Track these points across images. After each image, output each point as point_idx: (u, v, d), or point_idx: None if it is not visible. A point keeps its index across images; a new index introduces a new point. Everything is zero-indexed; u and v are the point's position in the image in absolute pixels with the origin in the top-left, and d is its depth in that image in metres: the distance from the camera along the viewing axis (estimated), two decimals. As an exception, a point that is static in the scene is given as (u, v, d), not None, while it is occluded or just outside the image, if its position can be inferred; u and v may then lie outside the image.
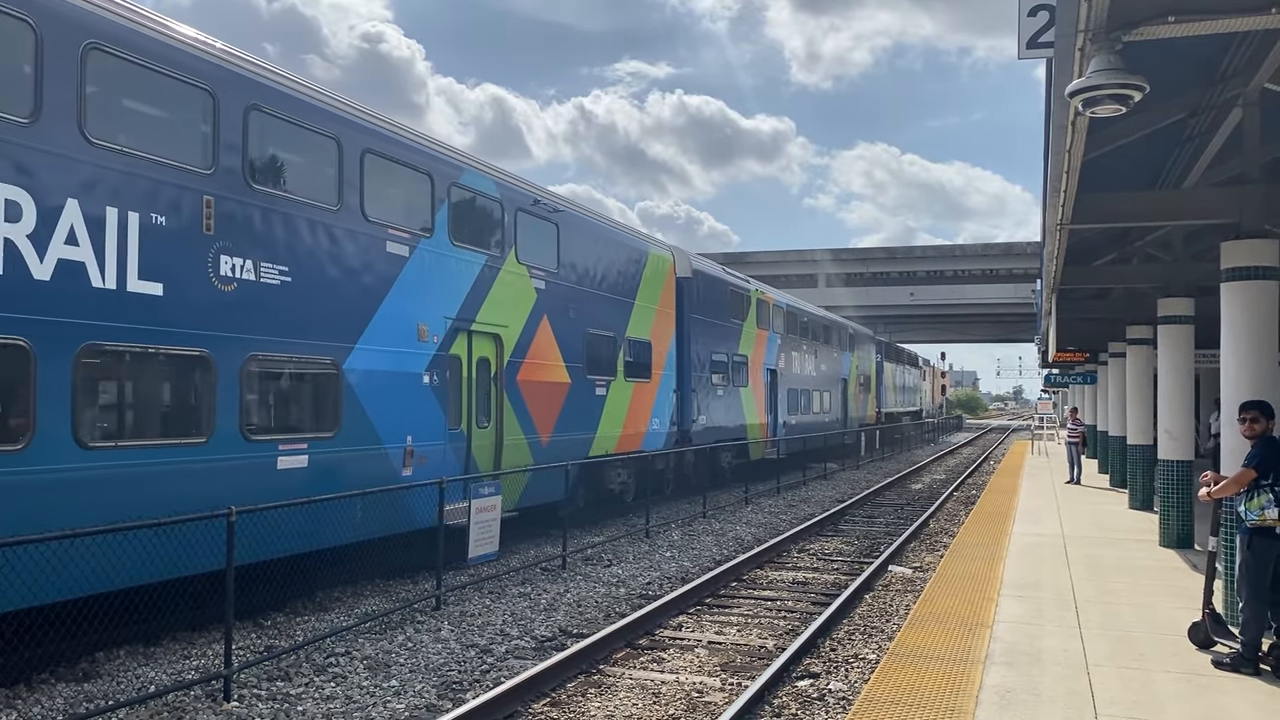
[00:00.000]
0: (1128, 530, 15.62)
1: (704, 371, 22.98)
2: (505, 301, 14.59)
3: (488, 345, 14.27)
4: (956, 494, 25.26)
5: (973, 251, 67.76)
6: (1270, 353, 9.08)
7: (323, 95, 11.37)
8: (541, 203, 15.88)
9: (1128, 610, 9.84)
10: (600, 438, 17.61)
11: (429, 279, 12.75)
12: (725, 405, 24.52)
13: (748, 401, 26.32)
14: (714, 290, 24.14)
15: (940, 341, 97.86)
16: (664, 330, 20.71)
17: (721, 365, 24.30)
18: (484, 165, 14.63)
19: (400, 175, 12.54)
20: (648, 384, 19.70)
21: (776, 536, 16.77)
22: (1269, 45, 7.51)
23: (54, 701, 7.73)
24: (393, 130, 12.50)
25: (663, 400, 20.42)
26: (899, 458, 41.91)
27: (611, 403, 18.01)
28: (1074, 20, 5.68)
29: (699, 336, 22.70)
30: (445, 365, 13.07)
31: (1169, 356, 13.71)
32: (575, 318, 16.68)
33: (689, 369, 22.02)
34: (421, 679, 8.55)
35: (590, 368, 17.20)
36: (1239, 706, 6.85)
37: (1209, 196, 10.23)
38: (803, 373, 32.55)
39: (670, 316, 21.07)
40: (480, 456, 13.91)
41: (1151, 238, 14.35)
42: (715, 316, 24.00)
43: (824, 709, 7.90)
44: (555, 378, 16.03)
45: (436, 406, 12.81)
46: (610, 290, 18.21)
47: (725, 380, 24.50)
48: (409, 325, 12.37)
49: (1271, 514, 7.47)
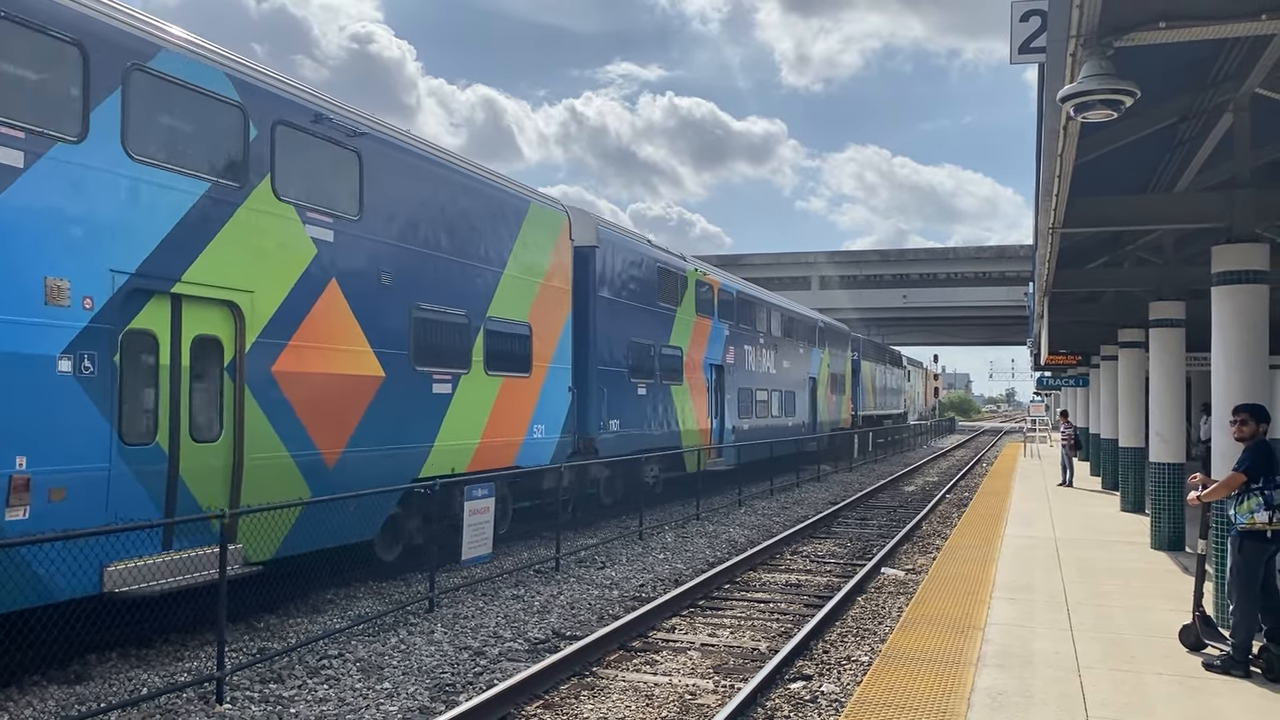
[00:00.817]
0: (1119, 532, 15.67)
1: (617, 366, 18.82)
2: (249, 254, 10.08)
3: (215, 318, 9.77)
4: (949, 496, 25.30)
5: (966, 254, 67.94)
6: (1260, 356, 9.13)
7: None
8: (329, 120, 11.16)
9: (1119, 612, 9.87)
10: (442, 450, 13.00)
11: (73, 208, 8.34)
12: (650, 407, 20.21)
13: (682, 403, 22.09)
14: (633, 266, 19.76)
15: (933, 344, 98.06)
16: (553, 312, 16.17)
17: (645, 359, 20.08)
18: (214, 51, 9.97)
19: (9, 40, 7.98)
20: (524, 380, 15.18)
21: (770, 539, 16.79)
22: (1260, 50, 7.56)
23: (45, 704, 7.72)
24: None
25: (551, 401, 15.95)
26: (892, 460, 41.96)
27: (462, 404, 13.45)
28: (1066, 26, 5.71)
29: (610, 322, 18.47)
30: (117, 345, 8.66)
31: (1160, 360, 13.76)
32: (394, 287, 12.12)
33: (593, 362, 17.83)
34: (414, 681, 8.54)
35: (422, 356, 12.66)
36: (1230, 708, 6.89)
37: (1200, 201, 10.28)
38: (759, 370, 28.24)
39: (564, 295, 16.58)
40: (202, 484, 9.47)
41: (1143, 241, 14.41)
42: (635, 299, 19.79)
43: (816, 711, 7.91)
44: (353, 368, 11.43)
45: (92, 409, 8.39)
46: (460, 254, 13.56)
47: (650, 377, 20.26)
48: (25, 279, 7.95)
49: (1261, 517, 7.51)
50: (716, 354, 24.55)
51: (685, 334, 22.44)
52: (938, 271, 68.19)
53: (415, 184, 12.77)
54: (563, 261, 16.58)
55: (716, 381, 24.60)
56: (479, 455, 13.98)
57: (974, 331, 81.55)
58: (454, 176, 13.71)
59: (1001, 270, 64.11)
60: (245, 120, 10.12)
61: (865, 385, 46.18)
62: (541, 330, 15.77)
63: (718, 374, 24.65)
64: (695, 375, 22.98)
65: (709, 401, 23.94)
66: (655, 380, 20.56)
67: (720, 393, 24.81)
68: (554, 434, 16.23)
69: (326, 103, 11.38)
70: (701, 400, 23.37)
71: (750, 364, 27.42)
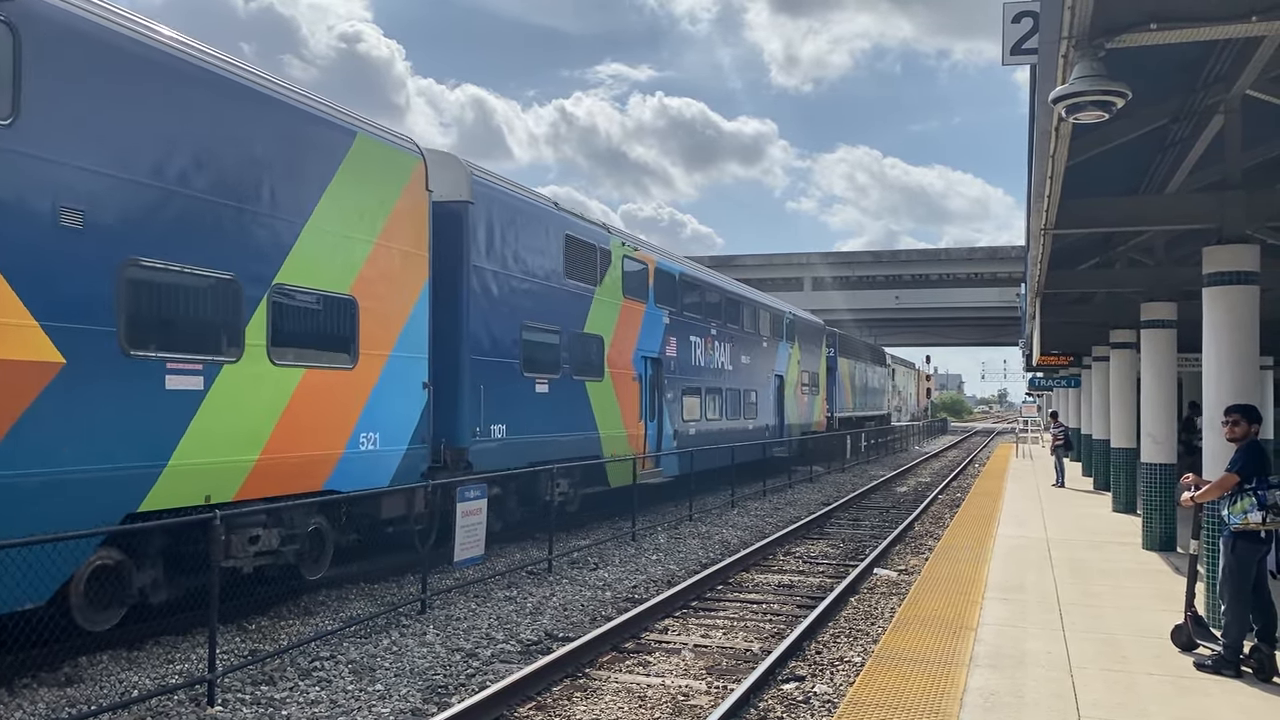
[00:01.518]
0: (1111, 533, 15.71)
1: (504, 356, 15.02)
2: None
3: None
4: (942, 497, 25.35)
5: (958, 255, 68.11)
6: (1251, 357, 9.16)
7: None
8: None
9: (1111, 613, 9.89)
10: (183, 473, 9.31)
11: None
12: (554, 409, 16.54)
13: (603, 403, 18.44)
14: (529, 232, 15.93)
15: (926, 345, 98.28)
16: (397, 283, 12.32)
17: (546, 349, 16.47)
18: None
19: None
20: (344, 374, 11.42)
21: (762, 539, 16.79)
22: (1250, 52, 7.59)
23: (36, 706, 7.68)
24: None
25: (391, 401, 12.08)
26: (885, 461, 42.01)
27: (224, 405, 9.78)
28: (1057, 27, 5.72)
29: (492, 301, 14.75)
30: None
31: (1152, 360, 13.81)
32: (88, 231, 8.46)
33: (466, 351, 14.06)
34: (406, 683, 8.53)
35: (143, 335, 8.99)
36: (1221, 709, 6.91)
37: (1191, 202, 10.32)
38: (711, 366, 24.64)
39: (417, 262, 12.74)
40: None
41: (1135, 243, 14.46)
42: (533, 273, 16.00)
43: (809, 712, 7.92)
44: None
45: None
46: (220, 191, 9.86)
47: (554, 371, 16.63)
48: None
49: (1255, 518, 7.53)
50: (652, 345, 20.78)
51: (607, 320, 18.66)
52: (930, 272, 68.35)
53: (131, 81, 8.95)
54: (414, 218, 12.61)
55: (653, 378, 20.84)
56: (258, 476, 10.15)
57: (966, 332, 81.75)
58: (208, 78, 9.75)
59: (993, 271, 64.29)
60: None
61: (843, 384, 42.88)
62: (376, 306, 11.81)
63: (654, 369, 20.92)
64: (622, 370, 19.25)
65: (642, 401, 20.16)
66: (563, 375, 16.89)
67: (658, 391, 21.07)
68: (397, 444, 12.22)
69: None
70: (631, 400, 19.61)
71: (699, 358, 23.74)
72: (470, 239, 14.21)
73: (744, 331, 27.60)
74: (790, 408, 32.36)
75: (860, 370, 48.05)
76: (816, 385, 37.09)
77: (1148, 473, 13.79)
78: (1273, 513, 7.51)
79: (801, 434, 33.26)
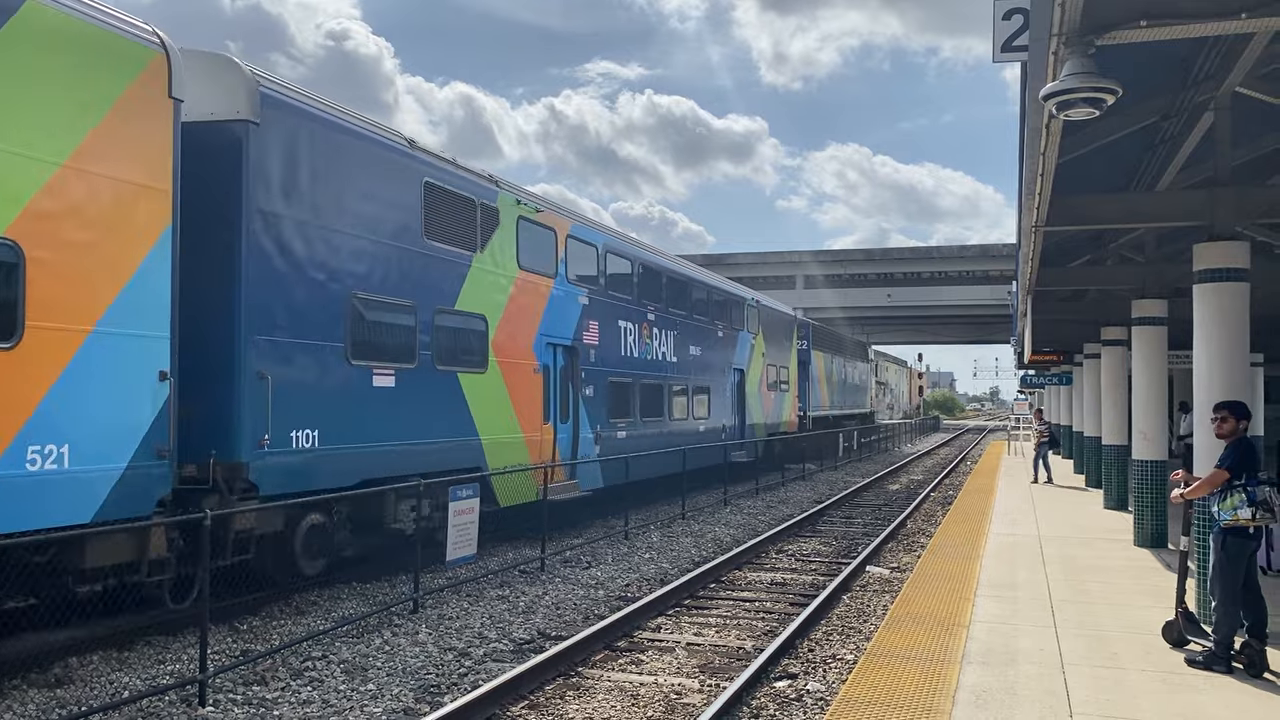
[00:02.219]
0: (1103, 530, 15.74)
1: (314, 337, 11.33)
2: None
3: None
4: (934, 494, 25.39)
5: (950, 253, 68.22)
6: (1242, 354, 9.18)
7: None
8: None
9: (1103, 609, 9.91)
10: None
11: None
12: (407, 408, 12.78)
13: (487, 401, 14.54)
14: (360, 171, 12.20)
15: (918, 343, 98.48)
16: (108, 228, 8.82)
17: (393, 329, 12.78)
18: None
19: None
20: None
21: (755, 537, 16.80)
22: (1240, 49, 7.60)
23: (26, 708, 7.65)
24: None
25: (86, 397, 8.55)
26: (877, 459, 42.06)
27: None
28: (1048, 24, 5.73)
29: (289, 260, 11.04)
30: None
31: (1143, 358, 13.84)
32: None
33: (244, 327, 10.45)
34: (399, 682, 8.51)
35: None
36: (1212, 705, 6.92)
37: (1181, 199, 10.34)
38: (647, 357, 20.85)
39: (153, 201, 9.24)
40: None
41: (1126, 240, 14.49)
42: (367, 228, 12.26)
43: (802, 709, 7.92)
44: None
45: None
46: None
47: (407, 360, 12.87)
48: None
49: (1245, 514, 7.55)
50: (563, 330, 17.06)
51: (494, 296, 14.76)
52: (922, 270, 68.47)
53: None
54: (144, 135, 9.15)
55: (565, 370, 17.15)
56: None
57: (958, 330, 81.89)
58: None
59: (985, 269, 64.41)
60: None
61: (818, 380, 39.24)
62: (62, 258, 8.35)
63: (568, 359, 17.30)
64: (517, 360, 15.42)
65: (549, 399, 16.48)
66: (421, 365, 13.06)
67: (573, 386, 17.41)
68: (105, 461, 8.68)
69: None
70: (530, 397, 15.77)
71: (631, 348, 19.99)
72: (253, 173, 10.49)
73: (693, 318, 24.11)
74: (753, 406, 28.99)
75: (839, 365, 44.84)
76: (786, 381, 33.45)
77: (1139, 469, 13.82)
78: (1262, 509, 7.54)
79: (768, 435, 30.16)
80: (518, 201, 15.65)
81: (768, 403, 30.76)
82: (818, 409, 38.78)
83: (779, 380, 32.32)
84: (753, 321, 29.32)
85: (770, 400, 31.09)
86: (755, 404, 29.24)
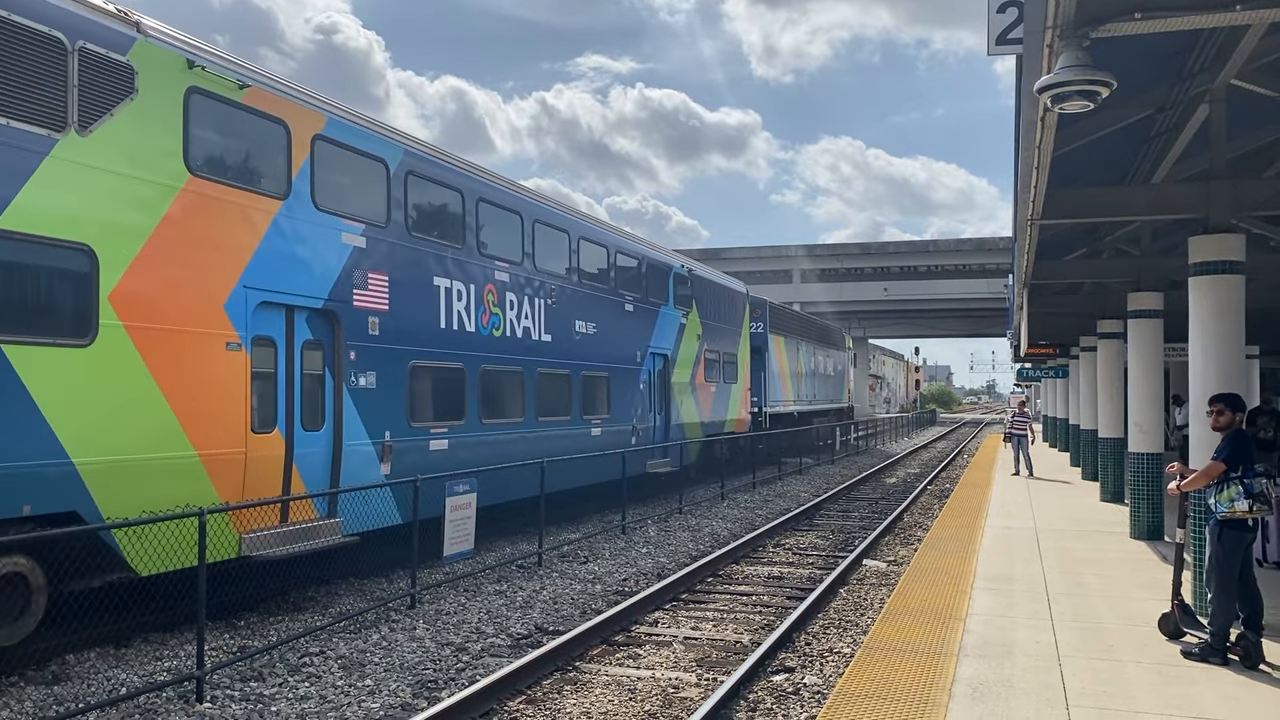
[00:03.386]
0: (1099, 523, 15.77)
1: None
2: None
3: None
4: (930, 488, 25.42)
5: (946, 247, 68.30)
6: (1237, 346, 9.20)
7: None
8: None
9: (1099, 602, 9.93)
10: None
11: None
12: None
13: (86, 394, 8.71)
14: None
15: (914, 336, 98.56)
16: None
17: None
18: None
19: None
20: None
21: (752, 531, 16.82)
22: (1234, 42, 7.59)
23: (23, 704, 7.65)
24: None
25: None
26: (874, 452, 42.10)
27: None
28: (1042, 17, 5.73)
29: None
30: None
31: (1138, 350, 13.86)
32: None
33: None
34: (396, 678, 8.51)
35: None
36: (1207, 696, 6.94)
37: (1177, 192, 10.34)
38: (495, 332, 15.12)
39: None
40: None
41: (1121, 233, 14.49)
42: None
43: (799, 703, 7.93)
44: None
45: None
46: None
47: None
48: None
49: (1241, 506, 7.58)
50: (305, 283, 11.25)
51: (115, 213, 9.11)
52: (918, 264, 68.57)
53: None
54: None
55: (309, 347, 11.43)
56: None
57: (954, 324, 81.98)
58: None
59: (981, 263, 64.48)
60: None
61: (778, 369, 33.39)
62: None
63: (319, 330, 11.57)
64: (180, 326, 9.64)
65: (265, 392, 10.79)
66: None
67: (330, 373, 11.68)
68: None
69: None
70: (218, 389, 10.04)
71: (458, 318, 14.16)
72: None
73: (582, 284, 18.18)
74: (683, 401, 22.86)
75: (807, 353, 38.43)
76: (734, 369, 27.12)
77: (1135, 462, 13.84)
78: (1259, 501, 7.55)
79: (707, 436, 24.28)
80: (190, 64, 9.90)
81: (705, 397, 24.51)
82: (778, 403, 33.10)
83: (724, 369, 26.14)
84: (682, 295, 22.96)
85: (709, 394, 24.88)
86: (686, 399, 23.09)
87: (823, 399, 41.27)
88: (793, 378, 35.84)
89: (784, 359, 34.64)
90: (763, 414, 30.99)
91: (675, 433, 22.29)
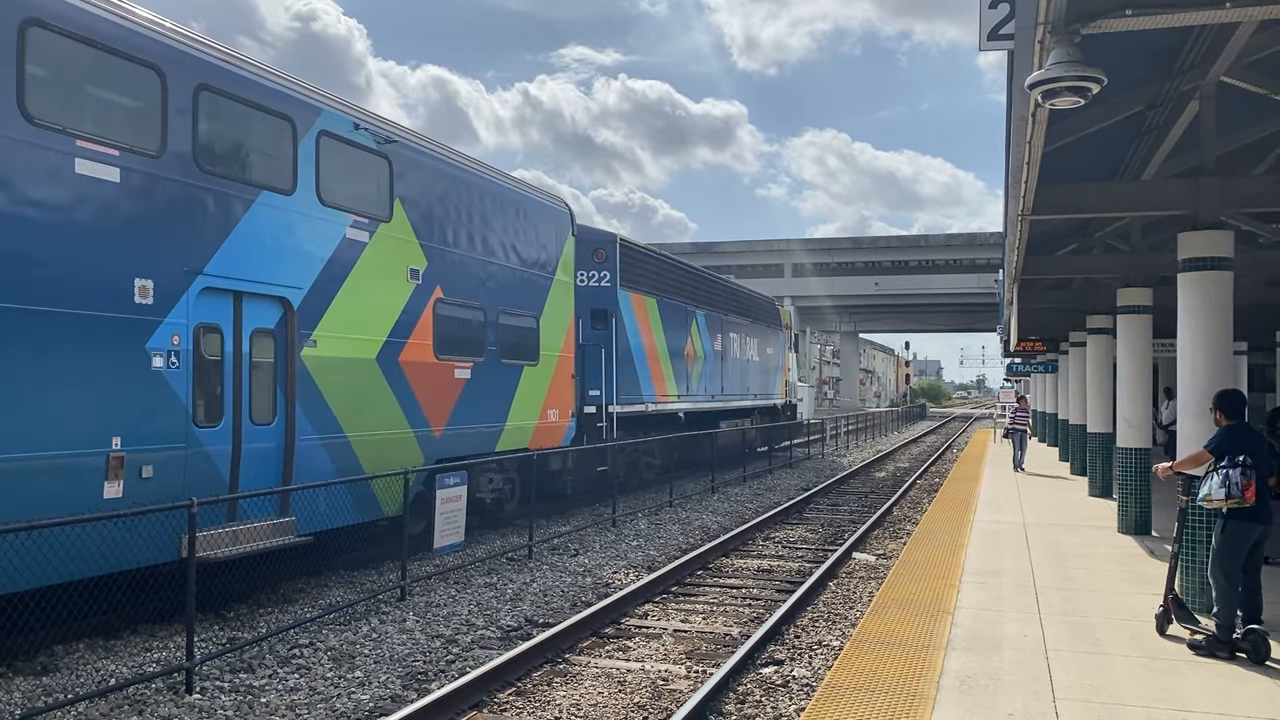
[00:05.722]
0: (1087, 517, 15.84)
1: None
2: None
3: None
4: (920, 482, 25.49)
5: (937, 242, 68.49)
6: (1225, 342, 9.25)
7: None
8: None
9: (1087, 596, 9.99)
10: None
11: None
12: None
13: None
14: None
15: (905, 331, 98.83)
16: None
17: None
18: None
19: None
20: None
21: (742, 525, 16.85)
22: (1225, 39, 7.63)
23: (12, 695, 7.63)
24: None
25: None
26: (864, 445, 42.19)
27: None
28: (1034, 13, 5.74)
29: None
30: None
31: (1128, 346, 13.91)
32: None
33: None
34: (386, 670, 8.52)
35: None
36: (1192, 689, 6.99)
37: (1167, 188, 10.39)
38: None
39: None
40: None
41: (1111, 229, 14.54)
42: None
43: (788, 695, 7.96)
44: None
45: None
46: None
47: None
48: None
49: (1219, 495, 7.63)
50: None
51: None
52: (909, 258, 68.72)
53: None
54: None
55: None
56: None
57: (945, 318, 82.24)
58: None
59: (972, 257, 64.69)
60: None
61: (641, 348, 21.59)
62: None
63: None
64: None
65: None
66: None
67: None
68: None
69: None
70: None
71: None
72: None
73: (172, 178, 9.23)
74: (353, 393, 11.78)
75: (710, 327, 26.61)
76: (533, 343, 16.13)
77: (1123, 457, 13.91)
78: (1233, 489, 7.59)
79: (442, 460, 13.35)
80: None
81: (437, 387, 13.45)
82: (646, 399, 21.90)
83: (498, 339, 15.01)
84: (351, 176, 11.96)
85: (451, 382, 13.78)
86: (363, 388, 12.02)
87: (742, 394, 29.76)
88: (674, 360, 23.82)
89: (658, 333, 22.74)
90: (609, 414, 19.87)
91: (314, 459, 11.18)
